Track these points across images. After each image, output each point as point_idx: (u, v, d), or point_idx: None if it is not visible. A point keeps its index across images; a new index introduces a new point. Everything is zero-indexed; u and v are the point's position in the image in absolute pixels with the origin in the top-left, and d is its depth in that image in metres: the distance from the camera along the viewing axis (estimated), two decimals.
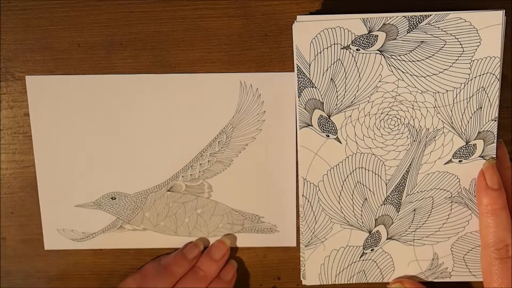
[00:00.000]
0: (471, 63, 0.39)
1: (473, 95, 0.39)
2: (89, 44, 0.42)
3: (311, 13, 0.40)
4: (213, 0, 0.41)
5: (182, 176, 0.43)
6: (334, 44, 0.39)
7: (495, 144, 0.40)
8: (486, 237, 0.39)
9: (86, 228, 0.44)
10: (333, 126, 0.40)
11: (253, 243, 0.45)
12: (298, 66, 0.39)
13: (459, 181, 0.41)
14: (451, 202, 0.41)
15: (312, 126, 0.40)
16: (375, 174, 0.41)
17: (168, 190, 0.44)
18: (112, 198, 0.44)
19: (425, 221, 0.42)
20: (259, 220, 0.44)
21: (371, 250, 0.42)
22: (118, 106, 0.42)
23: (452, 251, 0.42)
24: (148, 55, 0.42)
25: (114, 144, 0.43)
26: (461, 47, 0.39)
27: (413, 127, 0.40)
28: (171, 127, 0.43)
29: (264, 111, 0.42)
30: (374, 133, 0.40)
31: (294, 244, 0.44)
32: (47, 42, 0.42)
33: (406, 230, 0.42)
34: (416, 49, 0.39)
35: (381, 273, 0.43)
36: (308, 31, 0.39)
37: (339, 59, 0.39)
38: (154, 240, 0.44)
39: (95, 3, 0.41)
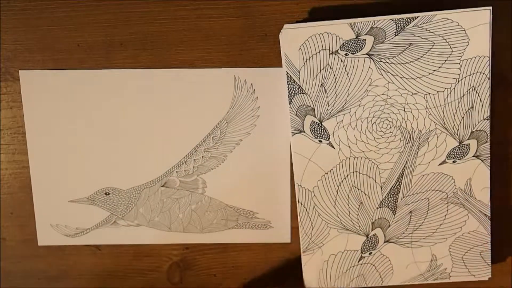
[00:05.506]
0: (461, 63, 0.39)
1: (464, 95, 0.39)
2: (89, 44, 0.42)
3: (298, 21, 0.40)
4: (213, 0, 0.41)
5: (176, 171, 0.43)
6: (323, 49, 0.39)
7: (489, 143, 0.40)
8: None
9: (79, 223, 0.44)
10: (326, 132, 0.40)
11: (248, 239, 0.44)
12: (287, 73, 0.39)
13: (454, 181, 0.41)
14: (447, 202, 0.41)
15: (304, 132, 0.40)
16: (370, 177, 0.41)
17: (162, 186, 0.44)
18: (105, 193, 0.44)
19: (422, 222, 0.42)
20: (254, 216, 0.44)
21: (369, 253, 0.42)
22: (111, 101, 0.42)
23: (450, 251, 0.42)
24: (148, 55, 0.42)
25: (108, 139, 0.43)
26: (450, 48, 0.39)
27: (405, 129, 0.40)
28: (165, 122, 0.43)
29: (259, 107, 0.42)
30: (367, 137, 0.40)
31: (288, 240, 0.44)
32: (47, 42, 0.42)
33: (403, 233, 0.42)
34: (405, 51, 0.39)
35: (380, 277, 0.43)
36: (296, 38, 0.39)
37: (328, 64, 0.39)
38: (148, 236, 0.45)
39: (95, 3, 0.41)
